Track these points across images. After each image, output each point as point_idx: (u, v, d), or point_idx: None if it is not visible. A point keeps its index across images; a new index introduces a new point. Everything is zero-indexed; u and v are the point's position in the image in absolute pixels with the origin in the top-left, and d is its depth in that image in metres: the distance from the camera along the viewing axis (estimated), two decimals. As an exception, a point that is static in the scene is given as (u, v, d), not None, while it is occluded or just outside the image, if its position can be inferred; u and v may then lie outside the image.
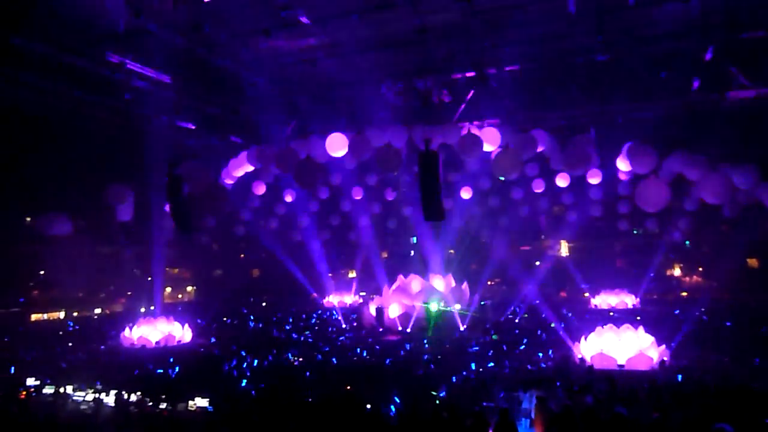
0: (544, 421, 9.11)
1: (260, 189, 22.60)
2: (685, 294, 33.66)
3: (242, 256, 34.28)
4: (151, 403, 11.95)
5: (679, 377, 14.12)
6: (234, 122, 23.01)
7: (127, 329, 21.96)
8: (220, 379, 14.89)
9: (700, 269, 34.54)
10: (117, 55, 16.64)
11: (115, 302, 34.57)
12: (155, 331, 21.82)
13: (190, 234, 24.89)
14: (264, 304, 33.90)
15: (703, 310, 27.65)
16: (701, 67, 18.04)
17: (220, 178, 22.13)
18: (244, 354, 18.10)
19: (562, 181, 21.61)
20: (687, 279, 35.36)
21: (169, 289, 37.55)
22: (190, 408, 12.04)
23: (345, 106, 22.67)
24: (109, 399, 12.30)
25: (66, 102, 18.70)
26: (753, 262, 31.00)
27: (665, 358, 14.84)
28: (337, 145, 18.30)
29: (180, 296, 37.76)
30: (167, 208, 19.05)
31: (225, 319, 28.05)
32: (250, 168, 21.69)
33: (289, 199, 24.06)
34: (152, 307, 27.24)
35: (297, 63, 19.01)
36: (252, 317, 28.07)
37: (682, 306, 29.66)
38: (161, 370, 16.09)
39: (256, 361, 17.06)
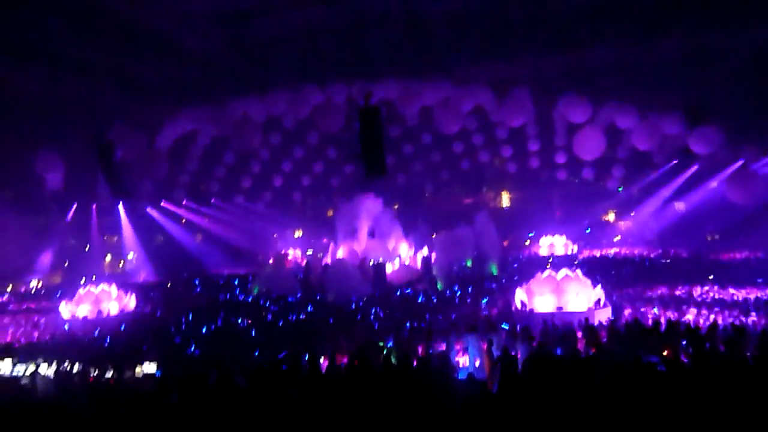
0: (489, 364, 9.56)
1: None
2: (618, 238, 35.28)
3: (183, 221, 33.45)
4: (95, 373, 11.72)
5: (613, 316, 15.01)
6: (164, 86, 22.06)
7: (66, 301, 21.18)
8: (167, 345, 14.71)
9: (632, 214, 36.08)
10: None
11: (53, 274, 33.21)
12: (97, 300, 21.13)
13: (126, 200, 24.11)
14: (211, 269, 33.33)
15: (636, 252, 29.22)
16: (631, 16, 18.57)
17: (155, 141, 21.27)
18: (190, 319, 17.86)
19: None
20: (620, 224, 36.89)
21: (109, 258, 36.31)
22: (137, 375, 11.89)
23: (281, 64, 22.10)
24: (50, 371, 11.97)
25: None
26: (680, 205, 32.65)
27: (601, 299, 15.64)
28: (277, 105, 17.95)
29: (121, 264, 36.60)
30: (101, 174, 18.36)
31: (168, 284, 27.48)
32: (187, 129, 20.98)
33: None
34: (93, 277, 26.36)
35: (228, 22, 18.29)
36: (197, 281, 27.59)
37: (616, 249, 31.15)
38: (104, 340, 15.72)
39: (205, 328, 16.87)
